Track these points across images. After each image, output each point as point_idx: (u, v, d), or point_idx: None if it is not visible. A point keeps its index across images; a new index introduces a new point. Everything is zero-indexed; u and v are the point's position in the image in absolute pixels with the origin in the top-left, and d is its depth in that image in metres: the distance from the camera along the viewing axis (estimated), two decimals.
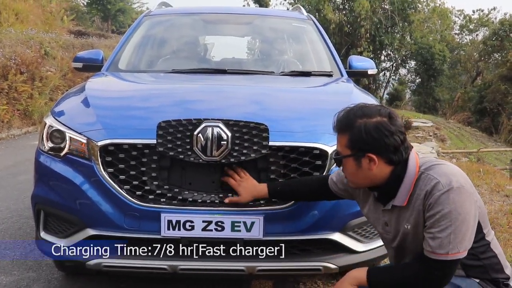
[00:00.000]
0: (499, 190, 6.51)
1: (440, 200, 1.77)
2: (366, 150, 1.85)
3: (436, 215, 1.78)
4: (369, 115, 1.85)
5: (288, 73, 3.81)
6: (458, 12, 35.59)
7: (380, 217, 2.04)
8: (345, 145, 1.90)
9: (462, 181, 1.80)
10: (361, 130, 1.83)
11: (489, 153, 15.23)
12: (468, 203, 1.78)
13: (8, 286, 3.18)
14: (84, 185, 2.45)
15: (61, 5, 22.35)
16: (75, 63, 4.00)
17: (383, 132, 1.82)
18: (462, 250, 1.78)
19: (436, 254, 1.78)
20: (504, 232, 4.35)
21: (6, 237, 4.04)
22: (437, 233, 1.78)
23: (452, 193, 1.76)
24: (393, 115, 1.87)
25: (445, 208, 1.76)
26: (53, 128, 2.63)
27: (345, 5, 24.56)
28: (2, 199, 5.14)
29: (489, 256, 1.93)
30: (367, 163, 1.87)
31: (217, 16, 4.71)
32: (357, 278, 1.92)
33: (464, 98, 29.31)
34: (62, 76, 12.66)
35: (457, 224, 1.76)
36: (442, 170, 1.83)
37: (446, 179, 1.78)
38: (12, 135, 9.68)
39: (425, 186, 1.82)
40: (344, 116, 1.91)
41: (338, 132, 1.94)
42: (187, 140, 2.36)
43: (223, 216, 2.36)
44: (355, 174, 1.93)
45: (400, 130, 1.85)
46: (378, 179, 1.90)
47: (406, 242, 1.95)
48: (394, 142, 1.83)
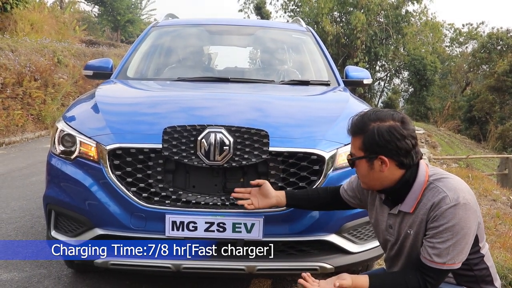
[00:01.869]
0: (487, 195, 6.51)
1: (446, 214, 1.76)
2: (378, 153, 1.83)
3: (439, 227, 1.77)
4: (383, 119, 1.84)
5: (287, 82, 3.81)
6: (448, 25, 35.66)
7: (385, 220, 2.02)
8: (359, 147, 1.89)
9: (469, 197, 1.79)
10: (374, 132, 1.82)
11: (477, 159, 15.22)
12: (471, 219, 1.77)
13: (20, 282, 3.17)
14: (93, 187, 2.45)
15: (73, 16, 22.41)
16: (86, 70, 4.00)
17: (395, 136, 1.80)
18: (457, 261, 1.79)
19: (433, 263, 1.78)
20: (491, 234, 4.34)
21: (19, 235, 4.03)
22: (437, 243, 1.78)
23: (458, 209, 1.75)
24: (406, 120, 1.86)
25: (449, 222, 1.75)
26: (64, 132, 2.63)
27: (342, 18, 24.62)
28: (15, 199, 5.13)
29: (482, 268, 1.92)
30: (379, 165, 1.85)
31: (220, 27, 4.72)
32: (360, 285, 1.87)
33: (454, 107, 29.30)
34: (73, 83, 12.68)
35: (458, 237, 1.75)
36: (451, 184, 1.82)
37: (454, 194, 1.77)
38: (25, 138, 9.69)
39: (433, 197, 1.81)
40: (359, 120, 1.90)
41: (353, 135, 1.92)
42: (191, 145, 2.36)
43: (224, 217, 2.36)
44: (367, 175, 1.91)
45: (412, 134, 1.84)
46: (388, 182, 1.89)
47: (405, 245, 1.94)
48: (406, 145, 1.81)
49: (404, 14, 24.19)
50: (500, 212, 5.31)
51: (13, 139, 9.32)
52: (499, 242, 4.04)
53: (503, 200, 6.45)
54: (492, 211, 5.36)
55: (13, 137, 9.40)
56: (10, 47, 10.83)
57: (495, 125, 23.80)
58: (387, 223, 2.01)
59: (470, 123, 26.43)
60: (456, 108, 29.14)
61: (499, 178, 10.85)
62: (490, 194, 6.56)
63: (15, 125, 9.70)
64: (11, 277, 3.22)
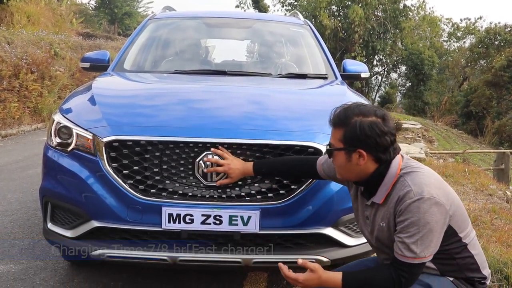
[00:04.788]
0: (483, 189, 6.52)
1: (409, 208, 1.78)
2: (357, 146, 1.86)
3: (405, 222, 1.80)
4: (365, 114, 1.86)
5: (285, 75, 3.80)
6: (446, 20, 35.63)
7: (363, 210, 2.06)
8: (339, 139, 1.91)
9: (435, 192, 1.80)
10: (356, 127, 1.84)
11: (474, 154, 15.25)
12: (437, 213, 1.78)
13: (17, 274, 3.16)
14: (90, 179, 2.44)
15: (70, 8, 22.26)
16: (83, 63, 3.99)
17: (376, 132, 1.82)
18: (428, 255, 1.80)
19: (404, 257, 1.80)
20: (487, 229, 4.35)
21: (15, 227, 4.03)
22: (405, 238, 1.80)
23: (422, 203, 1.77)
24: (387, 117, 1.88)
25: (414, 216, 1.78)
26: (61, 125, 2.62)
27: (340, 12, 24.61)
28: (12, 191, 5.12)
29: (465, 256, 1.93)
30: (356, 158, 1.88)
31: (218, 20, 4.70)
32: (332, 282, 1.89)
33: (451, 102, 29.34)
34: (70, 75, 12.62)
35: (424, 231, 1.77)
36: (418, 178, 1.84)
37: (418, 188, 1.79)
38: (22, 131, 9.66)
39: (399, 191, 1.84)
40: (342, 112, 1.92)
41: (334, 126, 1.95)
42: (189, 167, 2.39)
43: (221, 210, 2.35)
44: (344, 167, 1.94)
45: (391, 132, 1.86)
46: (363, 174, 1.92)
47: (382, 238, 1.96)
48: (385, 142, 1.84)
49: (402, 9, 24.20)
50: (496, 206, 5.32)
51: (9, 131, 9.30)
52: (494, 237, 4.05)
53: (499, 194, 6.46)
54: (488, 205, 5.37)
55: (9, 129, 9.38)
56: (6, 39, 10.76)
57: (492, 120, 23.84)
58: (364, 214, 2.05)
59: (467, 118, 26.47)
60: (453, 103, 29.18)
61: (495, 173, 10.88)
62: (487, 188, 6.57)
63: (11, 117, 9.67)
64: (8, 269, 3.22)
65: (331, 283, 1.88)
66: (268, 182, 2.44)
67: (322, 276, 1.89)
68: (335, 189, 2.47)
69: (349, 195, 2.20)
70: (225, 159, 2.33)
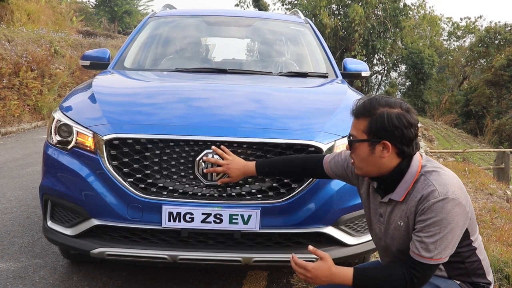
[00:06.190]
0: (483, 189, 6.52)
1: (433, 207, 1.75)
2: (383, 137, 1.81)
3: (427, 221, 1.76)
4: (391, 105, 1.83)
5: (285, 73, 3.79)
6: (446, 19, 35.69)
7: (377, 208, 2.01)
8: (363, 130, 1.85)
9: (458, 193, 1.77)
10: (384, 116, 1.80)
11: (474, 153, 15.26)
12: (459, 215, 1.76)
13: (16, 271, 3.16)
14: (90, 177, 2.43)
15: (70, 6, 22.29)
16: (83, 61, 3.98)
17: (403, 123, 1.79)
18: (444, 256, 1.78)
19: (421, 257, 1.77)
20: (487, 228, 4.35)
21: (15, 225, 4.02)
22: (425, 237, 1.76)
23: (447, 203, 1.74)
24: (411, 110, 1.84)
25: (437, 216, 1.74)
26: (61, 122, 2.61)
27: (340, 11, 24.57)
28: (11, 189, 5.12)
29: (473, 260, 1.91)
30: (380, 150, 1.83)
31: (218, 18, 4.69)
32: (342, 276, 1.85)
33: (451, 101, 29.36)
34: (70, 73, 12.62)
35: (445, 232, 1.74)
36: (442, 178, 1.80)
37: (443, 189, 1.76)
38: (22, 129, 9.65)
39: (422, 189, 1.80)
40: (367, 102, 1.87)
41: (358, 117, 1.89)
42: (189, 165, 2.37)
43: (221, 209, 2.35)
44: (366, 159, 1.88)
45: (416, 125, 1.83)
46: (385, 169, 1.87)
47: (396, 237, 1.93)
48: (411, 134, 1.80)
49: (402, 8, 24.15)
50: (496, 206, 5.33)
51: (9, 129, 9.29)
52: (495, 236, 4.05)
53: (499, 194, 6.47)
54: (488, 204, 5.38)
55: (9, 127, 9.37)
56: (6, 37, 10.75)
57: (491, 119, 23.86)
58: (378, 212, 2.00)
59: (467, 117, 26.49)
60: (453, 102, 29.20)
61: (495, 172, 10.89)
62: (487, 188, 6.58)
63: (11, 115, 9.66)
64: (7, 267, 3.21)
65: (341, 277, 1.84)
66: (268, 181, 2.43)
67: (332, 268, 1.83)
68: (336, 188, 2.46)
69: (350, 194, 2.19)
70: (225, 159, 2.31)
